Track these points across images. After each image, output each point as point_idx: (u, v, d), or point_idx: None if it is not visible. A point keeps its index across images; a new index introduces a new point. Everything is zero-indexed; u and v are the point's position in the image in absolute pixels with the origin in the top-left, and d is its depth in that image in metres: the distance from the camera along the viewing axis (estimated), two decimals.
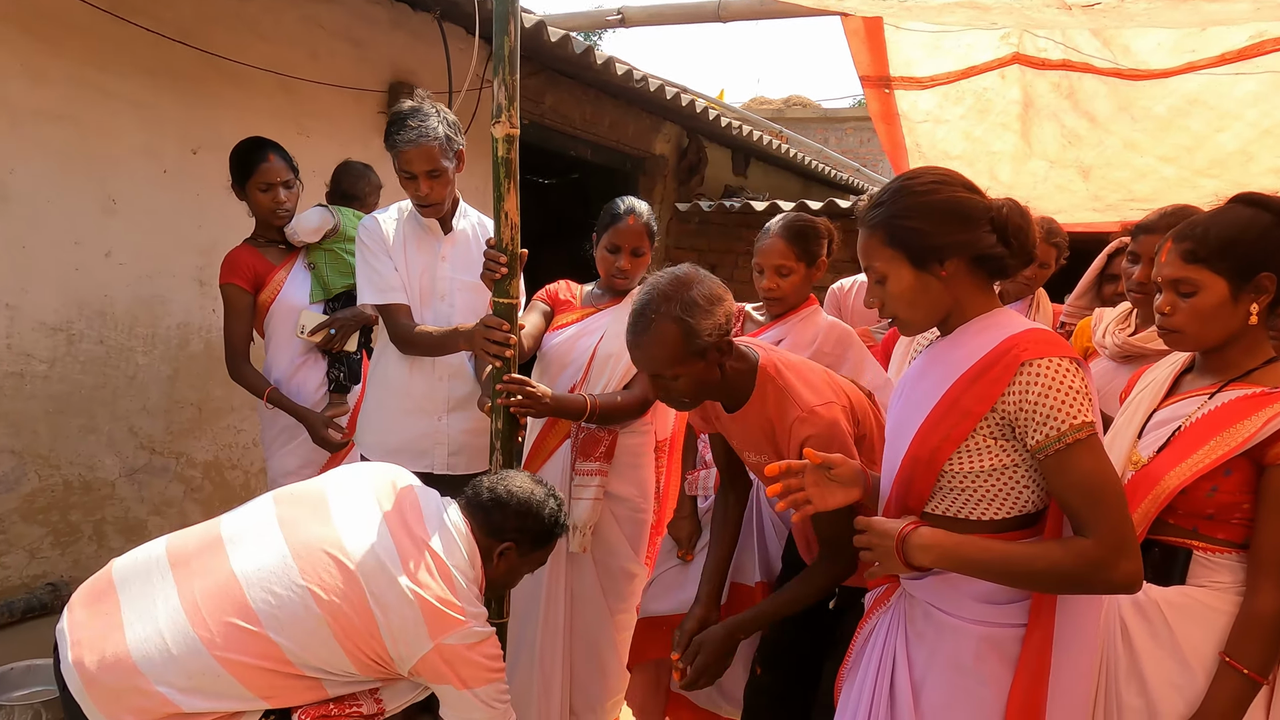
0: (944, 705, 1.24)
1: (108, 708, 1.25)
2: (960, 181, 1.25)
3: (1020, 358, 1.14)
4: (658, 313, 1.45)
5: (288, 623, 1.30)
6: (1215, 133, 2.62)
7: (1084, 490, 1.12)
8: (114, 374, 3.01)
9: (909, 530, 1.21)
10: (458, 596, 1.40)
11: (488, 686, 1.41)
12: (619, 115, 5.38)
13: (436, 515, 1.50)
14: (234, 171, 2.41)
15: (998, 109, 2.88)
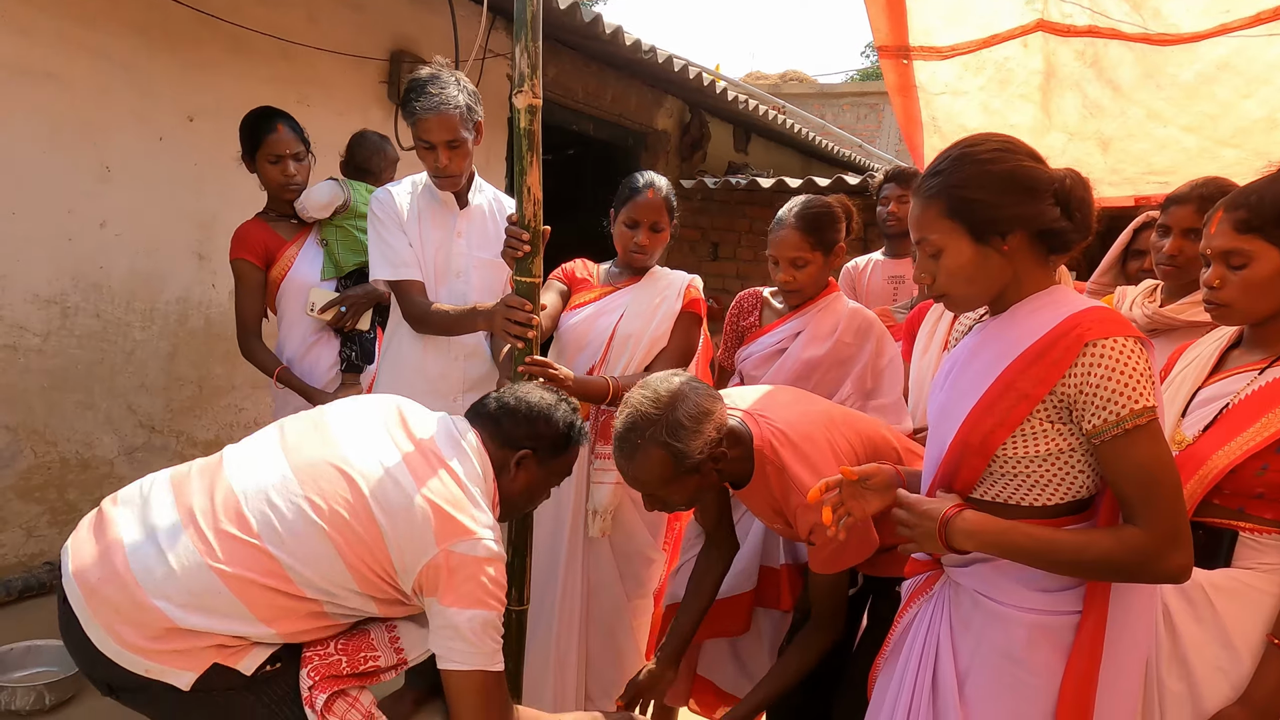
0: (990, 695, 1.19)
1: (106, 620, 1.19)
2: (1025, 150, 1.17)
3: (1084, 338, 1.08)
4: (643, 437, 1.39)
5: (286, 536, 1.23)
6: (1242, 99, 2.55)
7: (1140, 478, 1.07)
8: (111, 349, 2.94)
9: (953, 513, 1.15)
10: (470, 506, 1.31)
11: (484, 613, 1.28)
12: (622, 89, 5.27)
13: (445, 430, 1.42)
14: (243, 142, 2.32)
15: (1018, 80, 2.80)
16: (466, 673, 1.28)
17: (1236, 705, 1.19)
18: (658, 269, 2.10)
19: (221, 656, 1.22)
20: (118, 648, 1.19)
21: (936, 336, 1.97)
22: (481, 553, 1.28)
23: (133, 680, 1.20)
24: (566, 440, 1.49)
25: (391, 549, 1.26)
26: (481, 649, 1.29)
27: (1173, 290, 1.83)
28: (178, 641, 1.20)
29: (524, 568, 1.63)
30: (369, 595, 1.30)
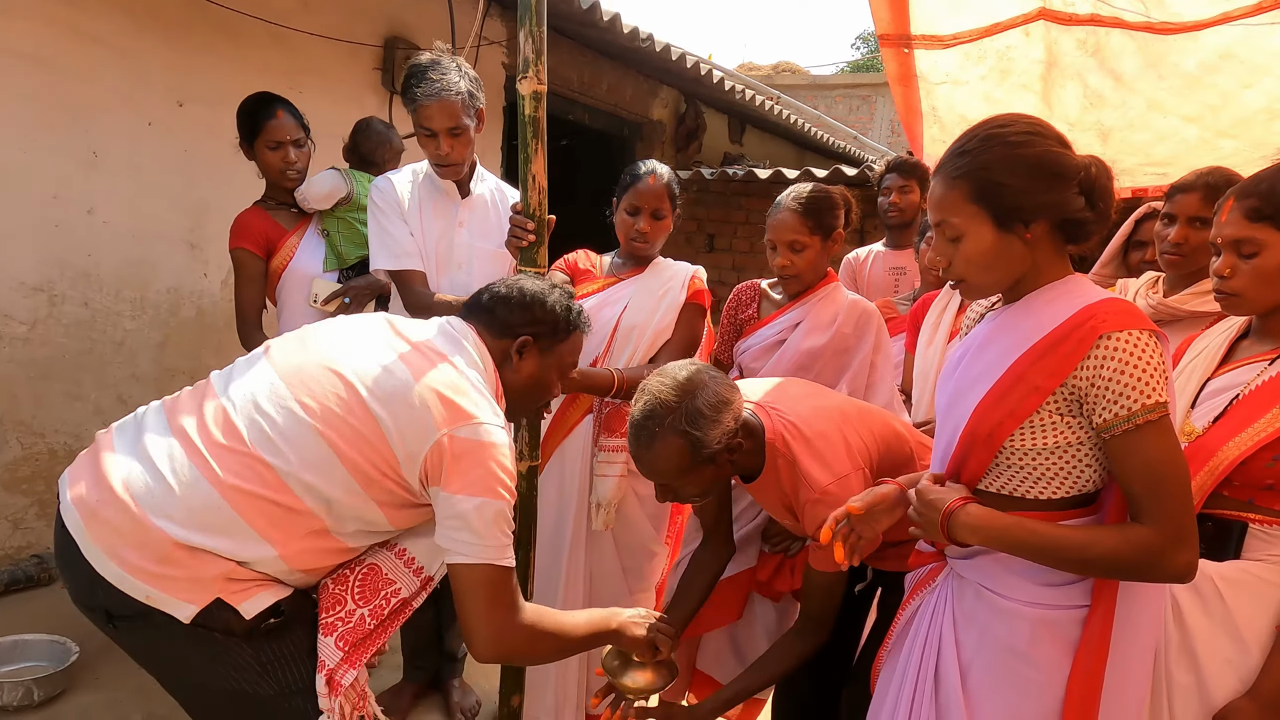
0: (993, 689, 1.18)
1: (107, 543, 1.14)
2: (1053, 134, 1.14)
3: (1098, 330, 1.05)
4: (661, 425, 1.35)
5: (279, 441, 1.17)
6: (1243, 89, 2.55)
7: (1149, 475, 1.05)
8: (100, 339, 2.89)
9: (957, 506, 1.14)
10: (472, 392, 1.25)
11: (492, 501, 1.22)
12: (617, 78, 5.23)
13: (439, 328, 1.36)
14: (241, 129, 2.26)
15: (1019, 69, 2.79)
16: (474, 566, 1.22)
17: (1245, 698, 1.18)
18: (661, 260, 2.08)
19: (226, 591, 1.16)
20: (119, 570, 1.13)
21: (941, 328, 1.95)
22: (486, 437, 1.22)
23: (133, 606, 1.14)
24: (565, 323, 1.43)
25: (392, 439, 1.20)
26: (490, 541, 1.22)
27: (1175, 281, 1.82)
28: (183, 567, 1.14)
29: (527, 561, 1.62)
30: (373, 499, 1.23)
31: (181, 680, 1.22)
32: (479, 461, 1.21)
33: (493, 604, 1.23)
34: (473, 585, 1.22)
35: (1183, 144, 2.86)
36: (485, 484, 1.21)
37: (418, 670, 2.33)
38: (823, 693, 1.75)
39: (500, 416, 1.28)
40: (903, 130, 10.32)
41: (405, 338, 1.30)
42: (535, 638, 1.28)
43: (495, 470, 1.22)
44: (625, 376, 1.87)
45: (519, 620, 1.26)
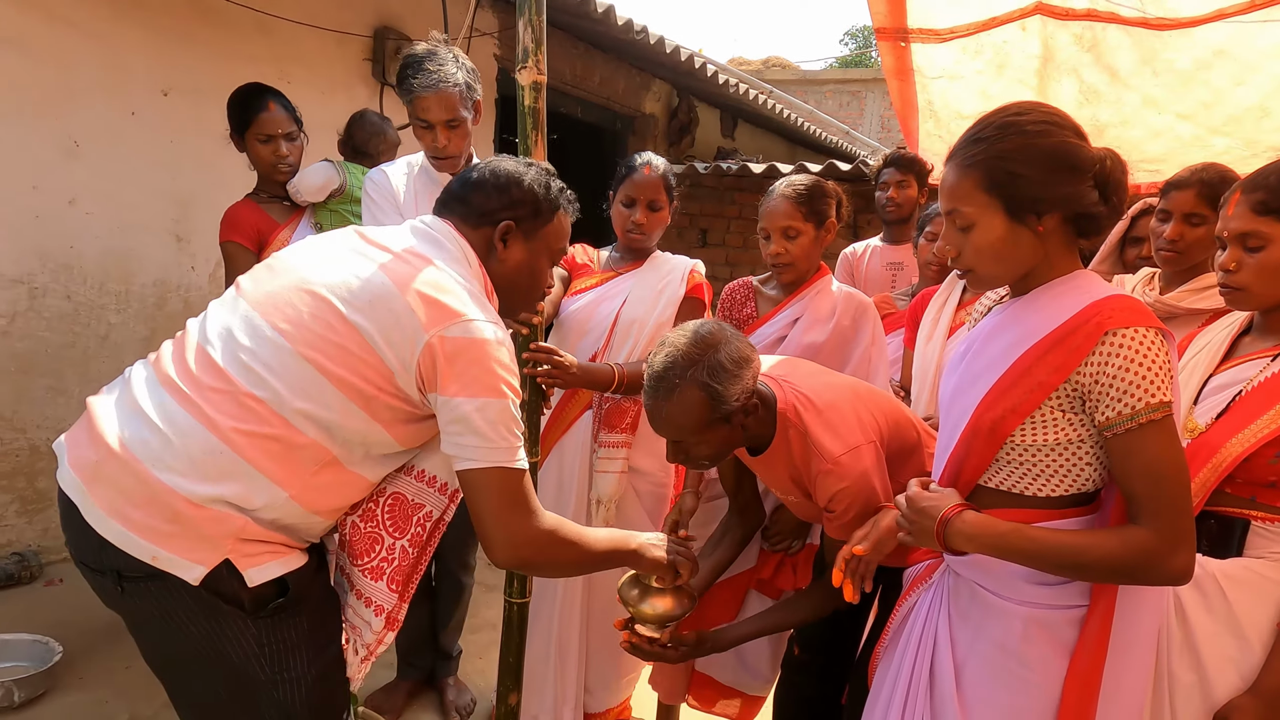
0: (986, 687, 1.17)
1: (110, 503, 1.08)
2: (1071, 124, 1.12)
3: (1104, 326, 1.04)
4: (682, 378, 1.32)
5: (263, 372, 1.11)
6: (1235, 86, 2.56)
7: (1149, 476, 1.03)
8: (84, 333, 2.84)
9: (952, 514, 1.12)
10: (457, 288, 1.18)
11: (495, 400, 1.14)
12: (609, 71, 5.19)
13: (413, 229, 1.28)
14: (232, 121, 2.21)
15: (1015, 64, 2.79)
16: (483, 470, 1.16)
17: (1246, 695, 1.18)
18: (659, 254, 2.06)
19: (237, 554, 1.10)
20: (123, 530, 1.07)
21: (941, 324, 1.95)
22: (478, 334, 1.14)
23: (141, 568, 1.09)
24: (546, 203, 1.33)
25: (380, 349, 1.13)
26: (497, 442, 1.15)
27: (1171, 277, 1.82)
28: (191, 524, 1.08)
29: None
30: (375, 418, 1.16)
31: (174, 655, 1.16)
32: (474, 360, 1.14)
33: (508, 508, 1.17)
34: (483, 491, 1.17)
35: (1176, 141, 2.87)
36: (484, 383, 1.14)
37: (411, 668, 2.30)
38: (825, 690, 1.75)
39: (492, 312, 1.21)
40: (893, 126, 10.44)
41: (378, 244, 1.22)
42: (554, 544, 1.22)
43: (493, 368, 1.15)
44: (626, 372, 1.85)
45: (536, 524, 1.20)
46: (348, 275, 1.16)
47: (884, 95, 12.72)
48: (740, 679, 1.97)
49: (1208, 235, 1.74)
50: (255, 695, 1.14)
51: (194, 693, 1.18)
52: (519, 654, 1.62)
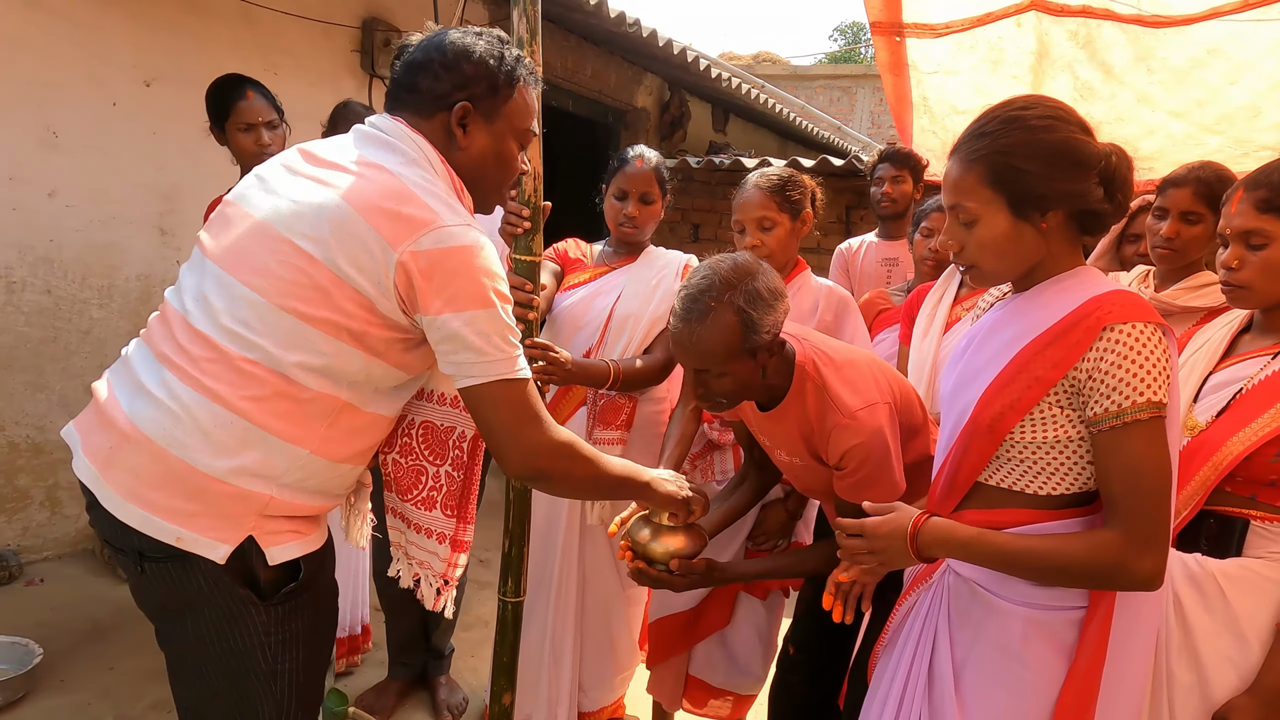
0: (985, 688, 1.16)
1: (127, 488, 1.04)
2: (1076, 120, 1.10)
3: (1103, 321, 1.02)
4: (719, 301, 1.30)
5: (246, 333, 1.06)
6: (1229, 85, 2.57)
7: (1128, 475, 1.02)
8: (65, 328, 2.78)
9: (920, 522, 1.12)
10: (420, 194, 1.08)
11: (482, 311, 1.08)
12: (601, 65, 5.15)
13: (359, 136, 1.18)
14: (211, 111, 2.17)
15: (1010, 60, 2.78)
16: (484, 386, 1.10)
17: (1245, 695, 1.18)
18: (653, 248, 2.04)
19: (261, 530, 1.07)
20: (145, 514, 1.04)
21: (937, 319, 1.93)
22: (451, 241, 1.06)
23: (164, 549, 1.05)
24: (503, 76, 1.19)
25: (353, 280, 1.06)
26: (493, 354, 1.09)
27: (1167, 275, 1.82)
28: (214, 502, 1.05)
29: (520, 558, 1.57)
30: (371, 354, 1.10)
31: (183, 639, 1.13)
32: (454, 271, 1.06)
33: (516, 419, 1.12)
34: (490, 405, 1.11)
35: (1169, 139, 2.88)
36: (469, 294, 1.07)
37: (402, 667, 2.28)
38: (819, 690, 1.74)
39: (463, 213, 1.12)
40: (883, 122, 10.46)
41: (325, 162, 1.13)
42: (570, 456, 1.18)
43: (475, 275, 1.07)
44: (621, 368, 1.83)
45: (548, 434, 1.15)
46: (301, 206, 1.08)
47: (874, 91, 12.73)
48: (732, 679, 1.96)
49: (1204, 233, 1.74)
50: (251, 684, 1.12)
51: (193, 676, 1.14)
52: (513, 653, 1.59)
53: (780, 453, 1.52)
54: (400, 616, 2.23)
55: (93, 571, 2.83)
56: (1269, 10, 2.25)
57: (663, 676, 1.99)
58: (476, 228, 1.11)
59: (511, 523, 1.57)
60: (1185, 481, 1.27)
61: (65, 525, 2.91)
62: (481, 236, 1.10)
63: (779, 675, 1.80)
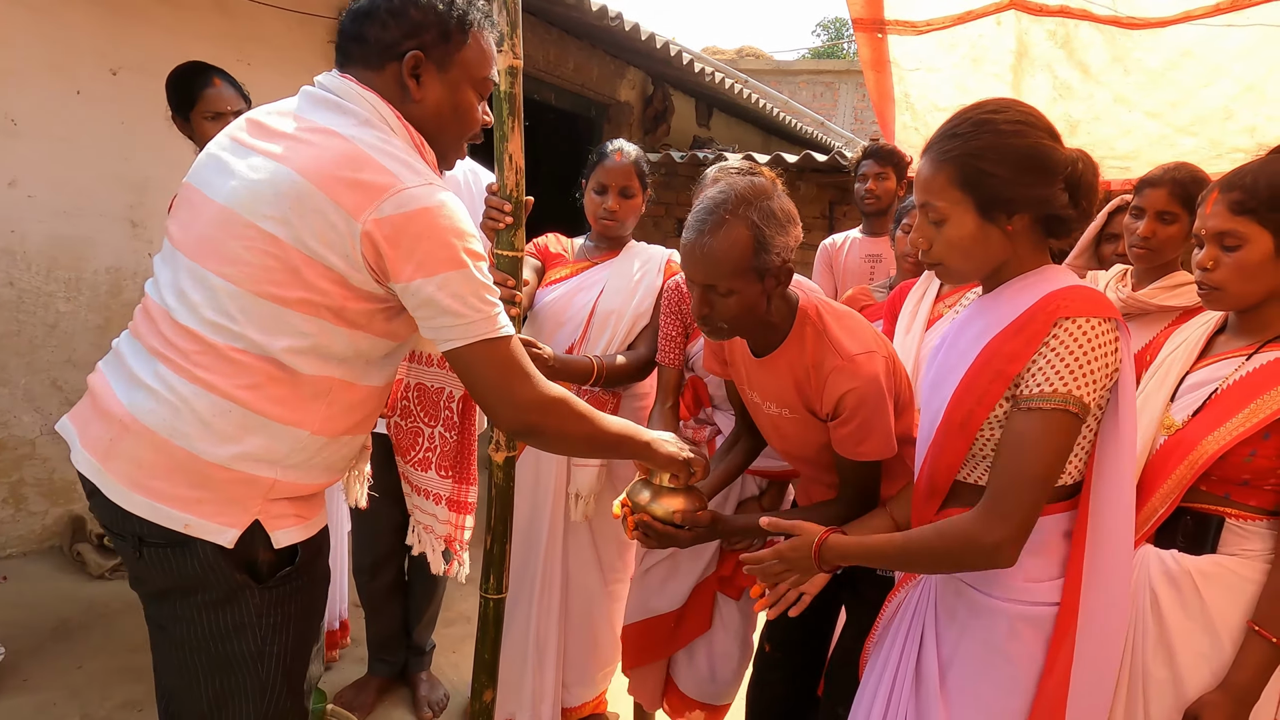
0: (971, 684, 1.18)
1: (131, 478, 1.03)
2: (1045, 125, 1.13)
3: (1056, 314, 1.06)
4: (733, 214, 1.29)
5: (226, 322, 1.04)
6: (1202, 87, 2.61)
7: (1012, 451, 1.06)
8: (30, 320, 2.71)
9: (823, 539, 1.21)
10: (375, 155, 1.04)
11: (454, 273, 1.04)
12: (583, 58, 5.11)
13: (305, 99, 1.12)
14: (173, 100, 2.10)
15: (991, 58, 2.80)
16: (467, 347, 1.09)
17: (1217, 691, 1.19)
18: (635, 243, 2.02)
19: (267, 514, 1.07)
20: (152, 504, 1.03)
21: (919, 316, 1.94)
22: (414, 204, 1.02)
23: (167, 535, 1.04)
24: (455, 21, 1.14)
25: (322, 256, 1.03)
26: (472, 315, 1.07)
27: (1144, 274, 1.84)
28: (220, 488, 1.04)
29: (503, 555, 1.55)
30: (355, 328, 1.08)
31: (173, 620, 1.11)
32: (419, 235, 1.03)
33: (503, 376, 1.11)
34: (476, 366, 1.10)
35: (1145, 139, 2.92)
36: (438, 256, 1.04)
37: (382, 663, 2.26)
38: (797, 687, 1.74)
39: (424, 171, 1.08)
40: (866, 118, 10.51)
41: (274, 132, 1.09)
42: (563, 412, 1.17)
43: (443, 236, 1.04)
44: (604, 365, 1.81)
45: (538, 388, 1.14)
46: (258, 186, 1.04)
47: (858, 87, 12.79)
48: (705, 690, 1.95)
49: (1180, 233, 1.77)
50: (237, 665, 1.10)
51: (179, 658, 1.12)
52: (494, 650, 1.58)
53: (770, 405, 1.50)
54: (381, 613, 2.21)
55: (59, 569, 2.77)
56: (1238, 15, 2.29)
57: (643, 678, 1.99)
58: (440, 185, 1.07)
59: (494, 520, 1.55)
60: (1162, 479, 1.28)
61: (31, 522, 2.84)
62: (446, 194, 1.07)
63: (756, 674, 1.80)
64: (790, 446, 1.55)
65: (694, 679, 1.95)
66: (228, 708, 1.10)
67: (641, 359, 1.88)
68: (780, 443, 1.57)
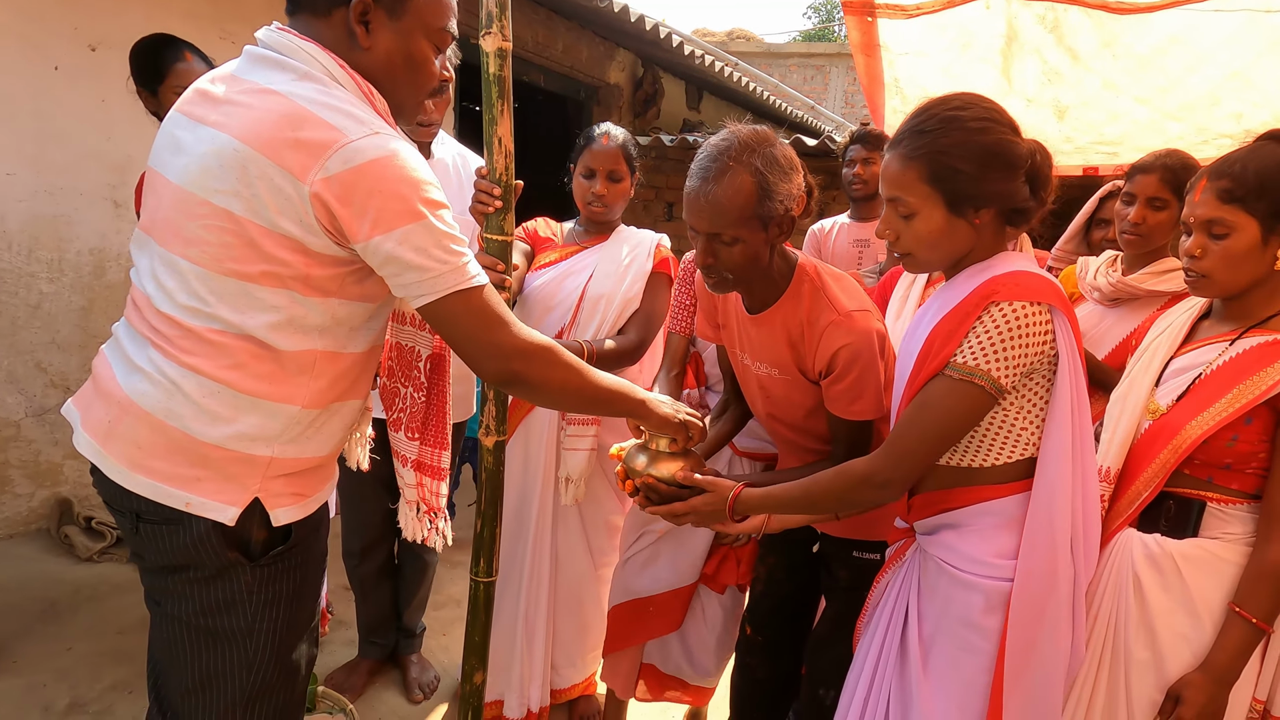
0: (951, 659, 1.21)
1: (130, 458, 1.04)
2: (1007, 121, 1.17)
3: (989, 298, 1.12)
4: (737, 160, 1.29)
5: (198, 304, 1.02)
6: (1189, 74, 2.62)
7: (916, 410, 1.15)
8: (12, 301, 2.67)
9: (736, 494, 1.29)
10: (317, 109, 0.99)
11: (412, 225, 1.00)
12: (572, 40, 5.06)
13: (245, 59, 1.08)
14: (139, 73, 2.04)
15: (980, 43, 2.80)
16: (439, 302, 1.05)
17: (1197, 672, 1.22)
18: (624, 228, 2.02)
19: (267, 492, 1.07)
20: (153, 484, 1.03)
21: (909, 302, 1.96)
22: (361, 158, 0.97)
23: (165, 513, 1.04)
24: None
25: (277, 224, 0.99)
26: (438, 269, 1.03)
27: (1133, 259, 1.86)
28: (218, 466, 1.04)
29: (493, 538, 1.56)
30: (326, 295, 1.06)
31: (166, 594, 1.11)
32: (371, 190, 0.98)
33: (480, 328, 1.08)
34: (452, 319, 1.07)
35: (1133, 124, 2.93)
36: (394, 211, 0.99)
37: (373, 645, 2.27)
38: (778, 669, 1.76)
39: (371, 120, 1.02)
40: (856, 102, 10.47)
41: (218, 100, 1.04)
42: (549, 361, 1.13)
43: (396, 189, 0.99)
44: (595, 350, 1.81)
45: (519, 335, 1.10)
46: (206, 160, 1.01)
47: (848, 70, 12.73)
48: (682, 669, 1.97)
49: (1170, 219, 1.78)
50: (226, 641, 1.09)
51: (170, 631, 1.12)
52: (485, 633, 1.59)
53: (760, 365, 1.50)
54: (371, 596, 2.21)
55: (47, 551, 2.75)
56: (1225, 1, 2.30)
57: (616, 665, 2.00)
58: (390, 134, 1.02)
59: (484, 503, 1.55)
60: (1146, 464, 1.30)
61: (17, 504, 2.82)
62: (397, 143, 1.01)
63: (739, 658, 1.82)
64: (775, 409, 1.55)
65: (670, 658, 1.97)
66: (214, 683, 1.10)
67: (631, 344, 1.88)
68: (765, 405, 1.56)
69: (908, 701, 1.24)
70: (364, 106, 1.05)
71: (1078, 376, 1.16)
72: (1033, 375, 1.16)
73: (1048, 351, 1.13)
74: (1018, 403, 1.16)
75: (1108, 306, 1.89)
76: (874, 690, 1.30)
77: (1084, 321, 1.92)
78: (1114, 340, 1.83)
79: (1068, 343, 1.14)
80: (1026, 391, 1.17)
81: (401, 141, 1.03)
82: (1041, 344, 1.12)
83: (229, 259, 1.01)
